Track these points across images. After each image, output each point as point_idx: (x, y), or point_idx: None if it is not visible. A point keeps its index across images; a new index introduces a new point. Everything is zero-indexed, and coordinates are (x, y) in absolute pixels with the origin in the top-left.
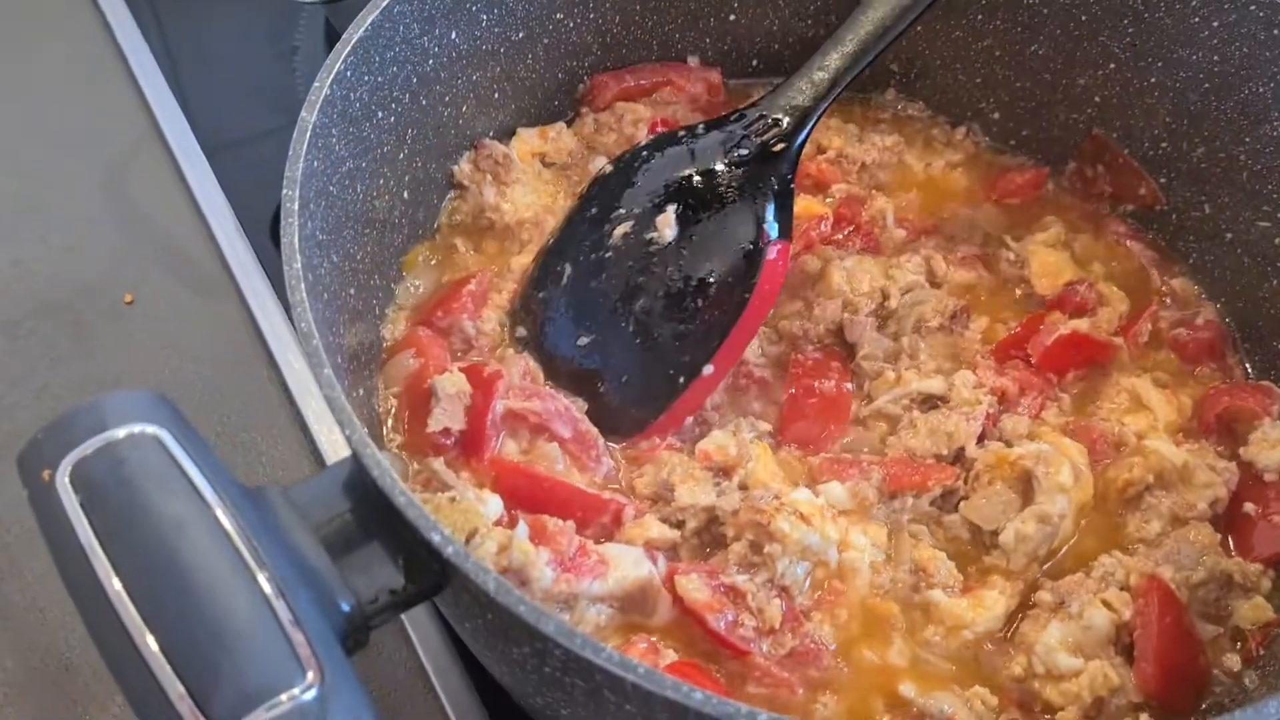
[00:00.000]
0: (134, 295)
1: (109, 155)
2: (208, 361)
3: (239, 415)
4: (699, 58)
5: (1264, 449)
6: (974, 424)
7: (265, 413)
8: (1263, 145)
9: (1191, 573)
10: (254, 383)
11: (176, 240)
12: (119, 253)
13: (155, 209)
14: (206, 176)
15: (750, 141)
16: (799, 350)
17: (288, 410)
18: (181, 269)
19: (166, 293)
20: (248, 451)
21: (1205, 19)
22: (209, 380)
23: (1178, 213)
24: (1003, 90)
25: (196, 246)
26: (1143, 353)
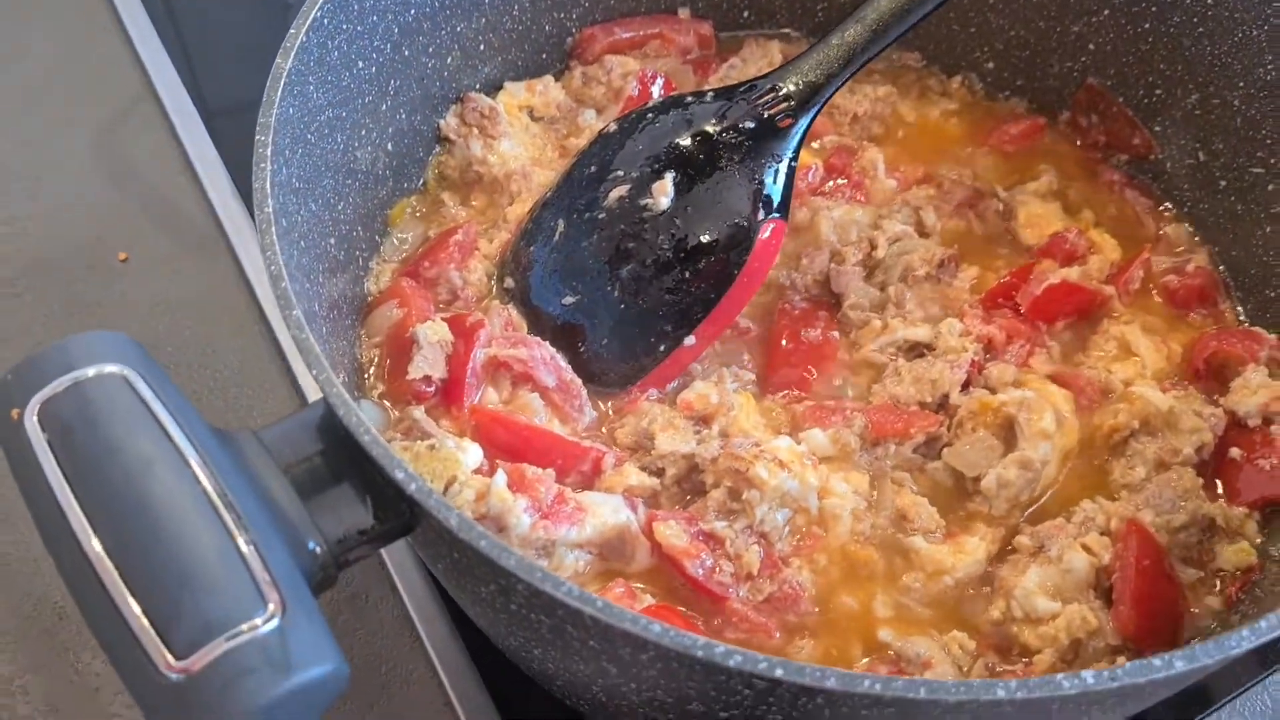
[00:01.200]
0: (128, 253)
1: (104, 115)
2: (201, 317)
3: (231, 369)
4: (689, 9)
5: (1245, 395)
6: (958, 371)
7: (257, 366)
8: (1256, 90)
9: (1172, 516)
10: (245, 337)
11: (170, 199)
12: (114, 212)
13: (150, 168)
14: (201, 136)
15: (757, 114)
16: (786, 300)
17: (278, 364)
18: (175, 227)
19: (160, 250)
20: (238, 402)
21: None
22: (201, 335)
23: (1172, 160)
24: (997, 39)
25: (190, 205)
26: (1134, 300)
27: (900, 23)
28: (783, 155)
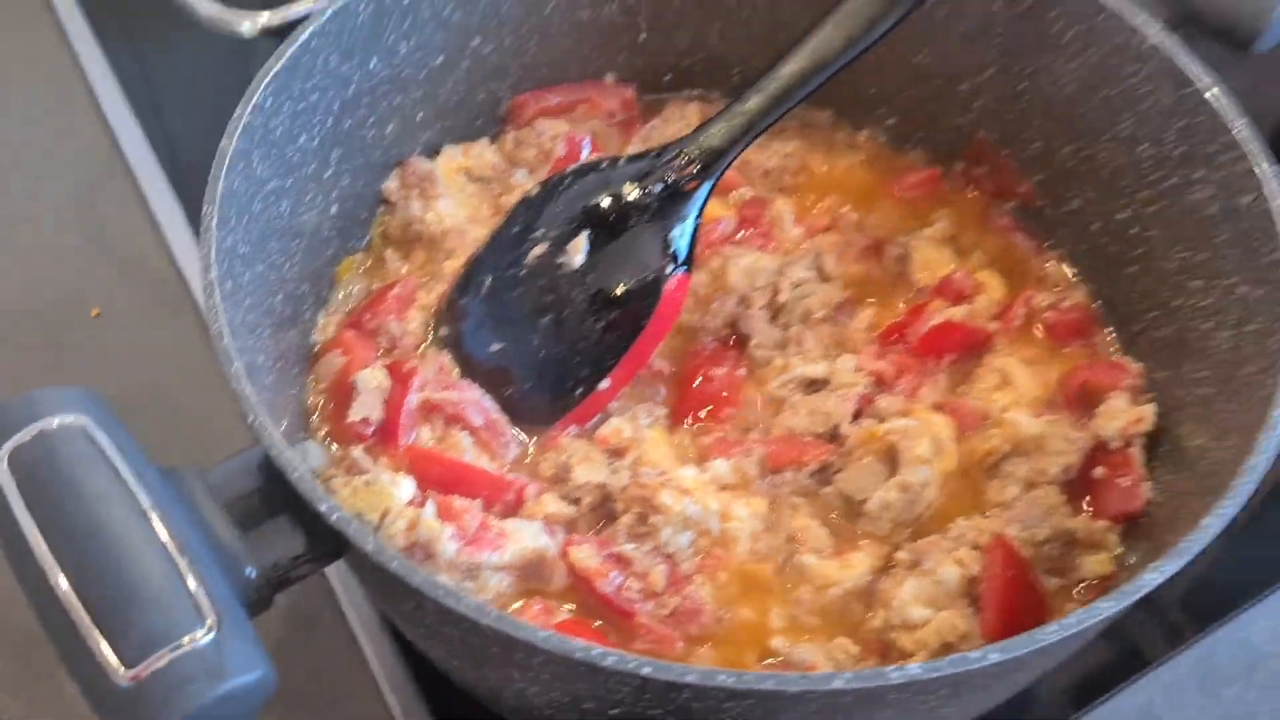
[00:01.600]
0: (101, 309)
1: (78, 179)
2: (167, 366)
3: (193, 412)
4: (614, 75)
5: (1108, 420)
6: (848, 404)
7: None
8: (1117, 144)
9: (1036, 531)
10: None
11: (141, 258)
12: (87, 270)
13: (121, 229)
14: (169, 198)
15: (666, 177)
16: (697, 341)
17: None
18: (144, 282)
19: (131, 305)
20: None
21: (1063, 29)
22: (167, 382)
23: (1052, 207)
24: (897, 98)
25: (158, 261)
26: (1016, 334)
27: (795, 94)
28: (688, 215)
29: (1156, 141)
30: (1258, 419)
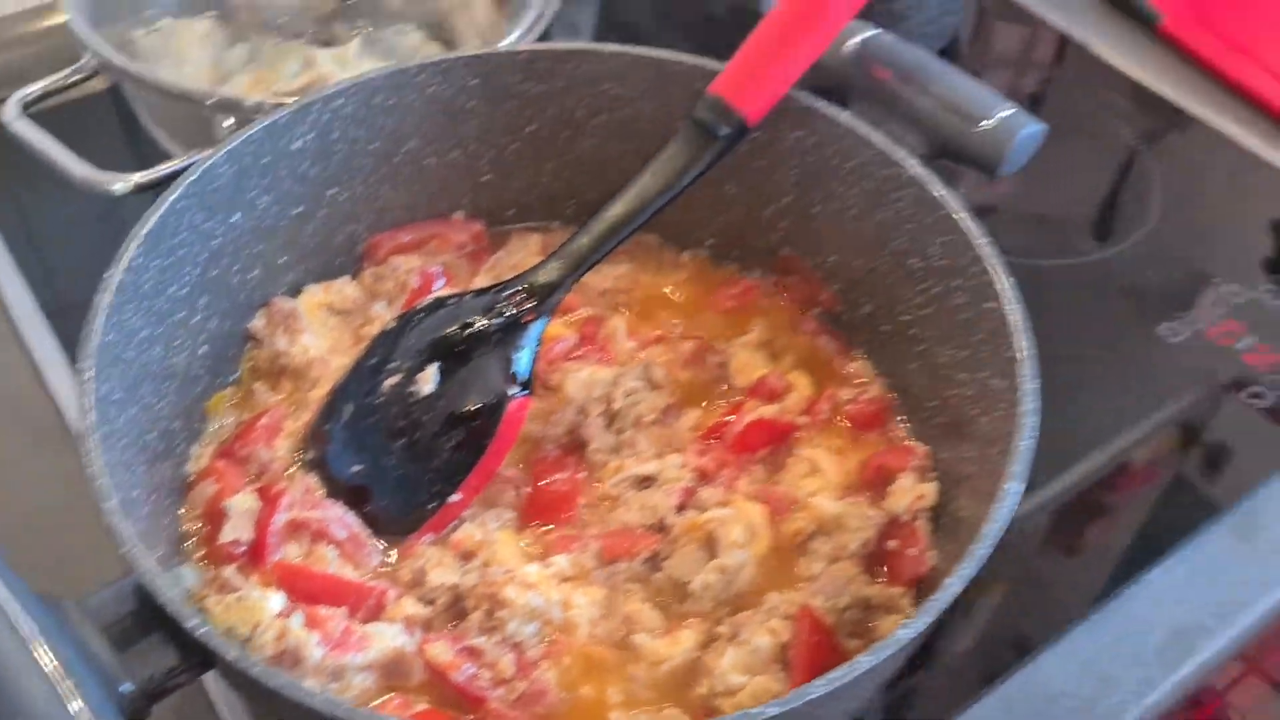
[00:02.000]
0: None
1: None
2: (49, 502)
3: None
4: (462, 213)
5: (898, 497)
6: (672, 498)
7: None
8: (894, 258)
9: (837, 600)
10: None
11: (18, 395)
12: None
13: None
14: (47, 338)
15: (506, 311)
16: (541, 449)
17: None
18: (23, 421)
19: (10, 442)
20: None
21: (841, 163)
22: (50, 518)
23: (850, 312)
24: (713, 222)
25: (37, 400)
26: (823, 426)
27: (619, 233)
28: (527, 344)
29: (923, 255)
30: (996, 491)
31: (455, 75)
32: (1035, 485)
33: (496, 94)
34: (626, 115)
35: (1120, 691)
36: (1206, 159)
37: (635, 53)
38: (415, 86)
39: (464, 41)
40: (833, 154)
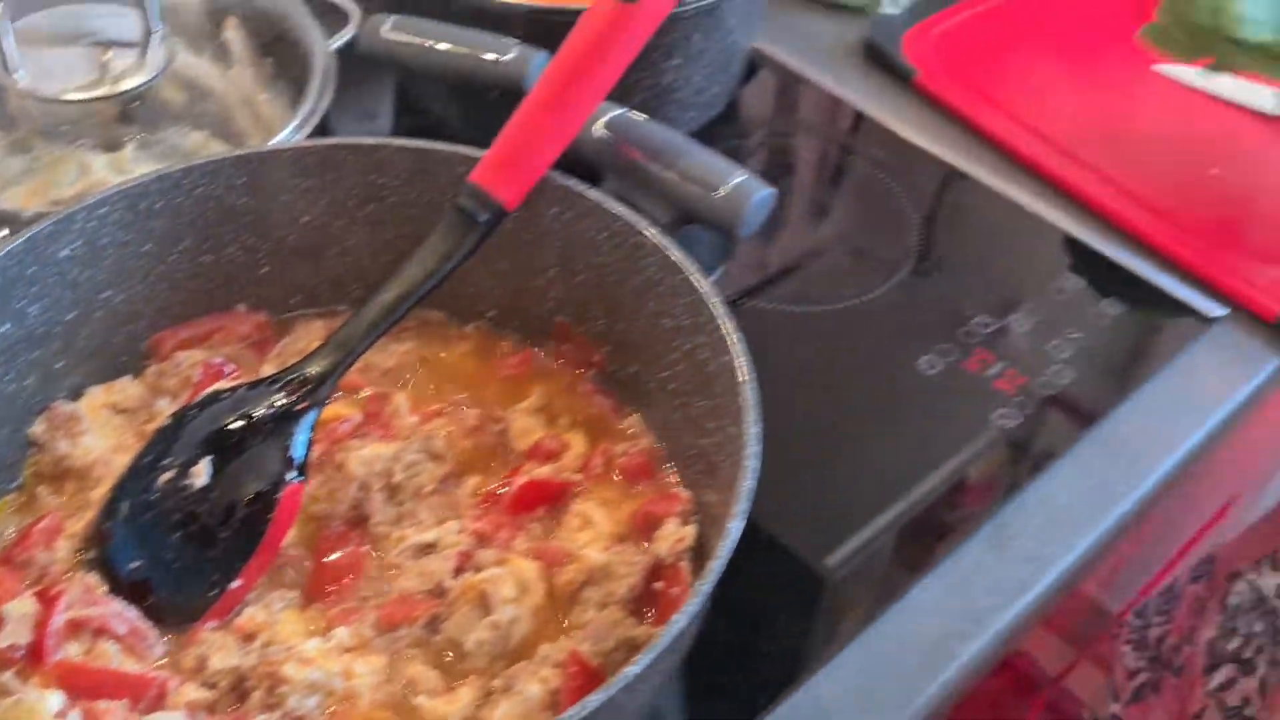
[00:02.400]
0: None
1: None
2: None
3: None
4: (245, 305)
5: (662, 541)
6: (449, 562)
7: None
8: (649, 320)
9: (605, 644)
10: None
11: None
12: None
13: None
14: None
15: (280, 402)
16: (326, 527)
17: None
18: None
19: None
20: None
21: (596, 234)
22: None
23: (620, 372)
24: (492, 295)
25: None
26: (597, 481)
27: (389, 319)
28: (301, 432)
29: (673, 316)
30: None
31: (223, 175)
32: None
33: (267, 190)
34: (395, 202)
35: (886, 707)
36: (960, 202)
37: (396, 144)
38: (183, 189)
39: (248, 136)
40: (587, 227)
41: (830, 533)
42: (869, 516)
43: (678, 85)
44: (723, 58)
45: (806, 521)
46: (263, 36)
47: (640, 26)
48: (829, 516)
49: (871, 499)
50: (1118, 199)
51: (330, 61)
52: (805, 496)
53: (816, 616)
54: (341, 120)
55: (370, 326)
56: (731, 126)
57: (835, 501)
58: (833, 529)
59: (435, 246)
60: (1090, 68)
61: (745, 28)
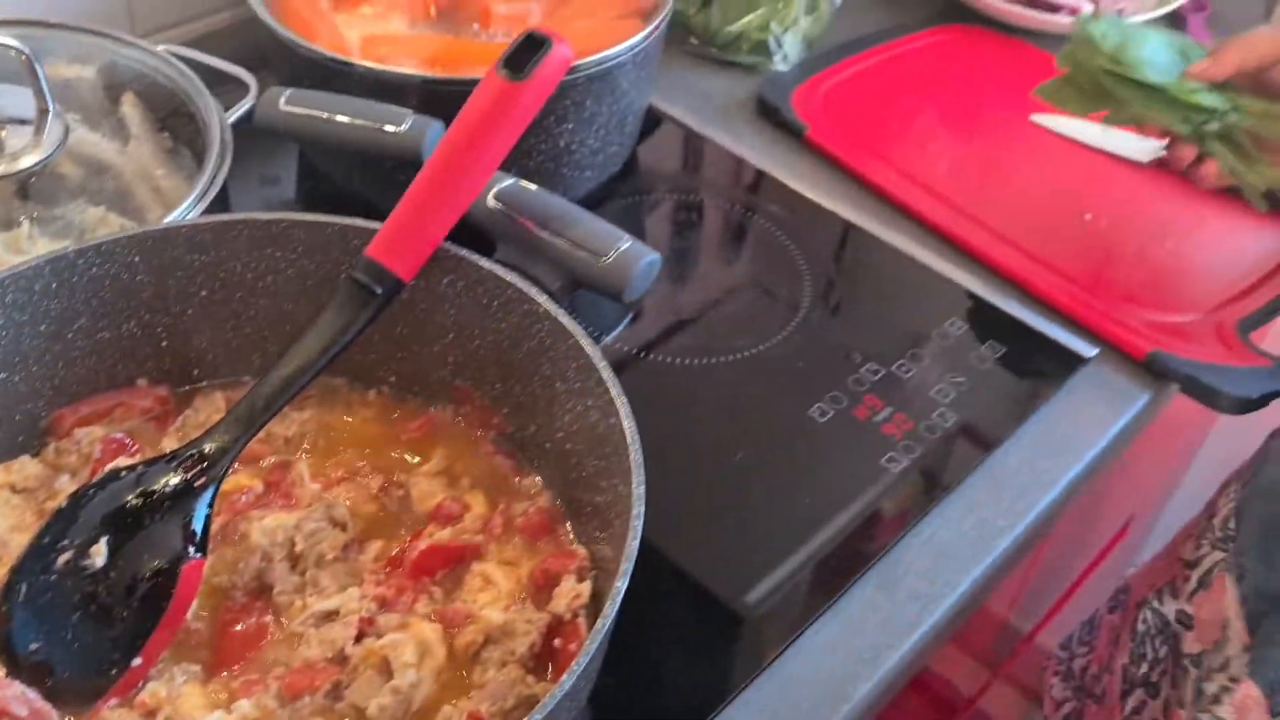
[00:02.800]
0: None
1: None
2: None
3: None
4: (145, 379)
5: (560, 599)
6: (350, 629)
7: None
8: (543, 382)
9: (504, 703)
10: None
11: None
12: None
13: None
14: None
15: (177, 480)
16: (229, 598)
17: None
18: None
19: None
20: None
21: (490, 301)
22: None
23: (518, 432)
24: (391, 361)
25: None
26: (497, 540)
27: (287, 393)
28: (200, 508)
29: (565, 379)
30: (610, 589)
31: (117, 255)
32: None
33: (162, 268)
34: (292, 274)
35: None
36: (851, 252)
37: (291, 218)
38: (78, 270)
39: (147, 210)
40: (481, 294)
41: (739, 573)
42: (770, 559)
43: (573, 148)
44: (617, 119)
45: (716, 562)
46: (160, 110)
47: (529, 101)
48: (736, 557)
49: (772, 542)
50: (997, 246)
51: (227, 134)
52: (716, 538)
53: (726, 654)
54: (244, 187)
55: (269, 401)
56: (630, 183)
57: (742, 543)
58: (741, 569)
59: (333, 319)
60: (970, 120)
61: (639, 89)
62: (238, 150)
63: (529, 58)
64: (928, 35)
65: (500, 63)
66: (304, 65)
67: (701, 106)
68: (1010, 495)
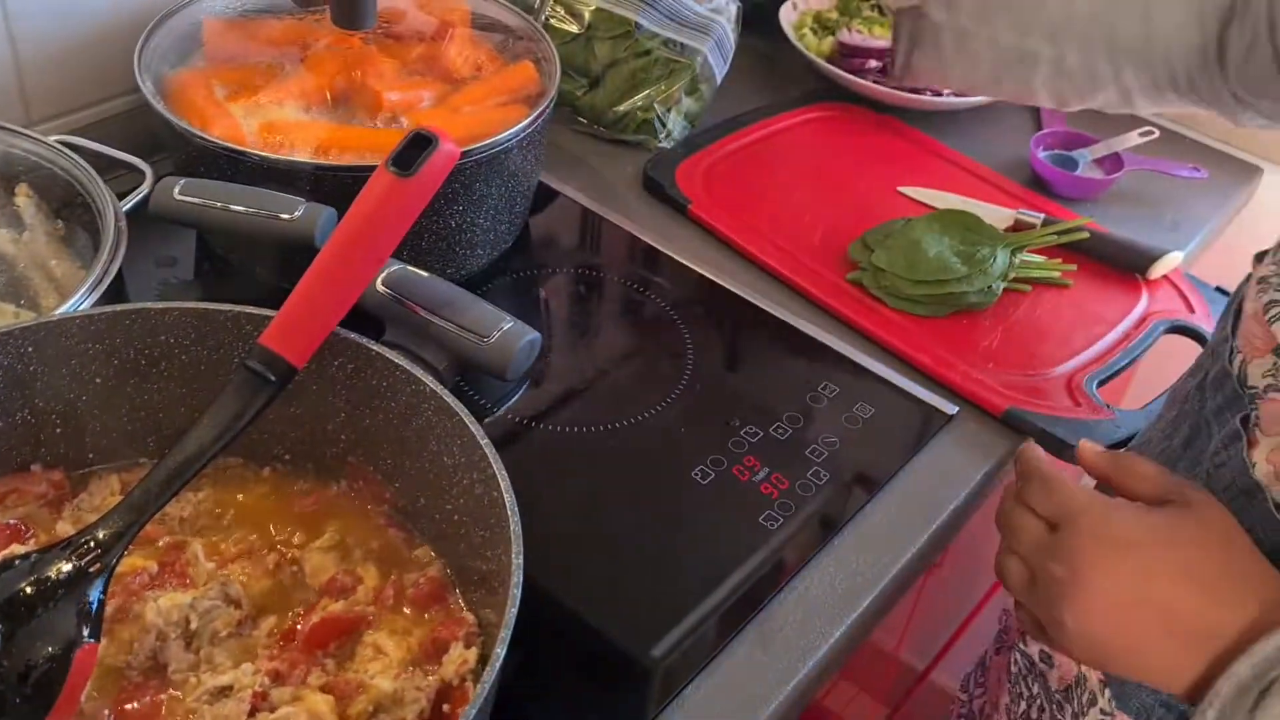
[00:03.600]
0: None
1: None
2: None
3: None
4: (40, 464)
5: (448, 665)
6: (244, 704)
7: None
8: (431, 457)
9: None
10: None
11: None
12: None
13: None
14: None
15: (73, 565)
16: (124, 678)
17: None
18: None
19: None
20: None
21: (379, 383)
22: None
23: (410, 505)
24: (286, 439)
25: None
26: (389, 611)
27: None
28: (93, 594)
29: (451, 455)
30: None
31: (10, 347)
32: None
33: (56, 357)
34: (186, 361)
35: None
36: (732, 320)
37: (182, 306)
38: None
39: (42, 298)
40: (370, 375)
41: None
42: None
43: (464, 228)
44: (506, 200)
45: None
46: (55, 200)
47: (416, 197)
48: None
49: (658, 600)
50: (866, 313)
51: (122, 222)
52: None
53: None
54: (141, 268)
55: (162, 488)
56: (521, 258)
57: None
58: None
59: (227, 406)
60: (842, 192)
61: (527, 170)
62: (135, 232)
63: (417, 155)
64: (803, 113)
65: (389, 160)
66: (199, 153)
67: (591, 183)
68: (877, 548)
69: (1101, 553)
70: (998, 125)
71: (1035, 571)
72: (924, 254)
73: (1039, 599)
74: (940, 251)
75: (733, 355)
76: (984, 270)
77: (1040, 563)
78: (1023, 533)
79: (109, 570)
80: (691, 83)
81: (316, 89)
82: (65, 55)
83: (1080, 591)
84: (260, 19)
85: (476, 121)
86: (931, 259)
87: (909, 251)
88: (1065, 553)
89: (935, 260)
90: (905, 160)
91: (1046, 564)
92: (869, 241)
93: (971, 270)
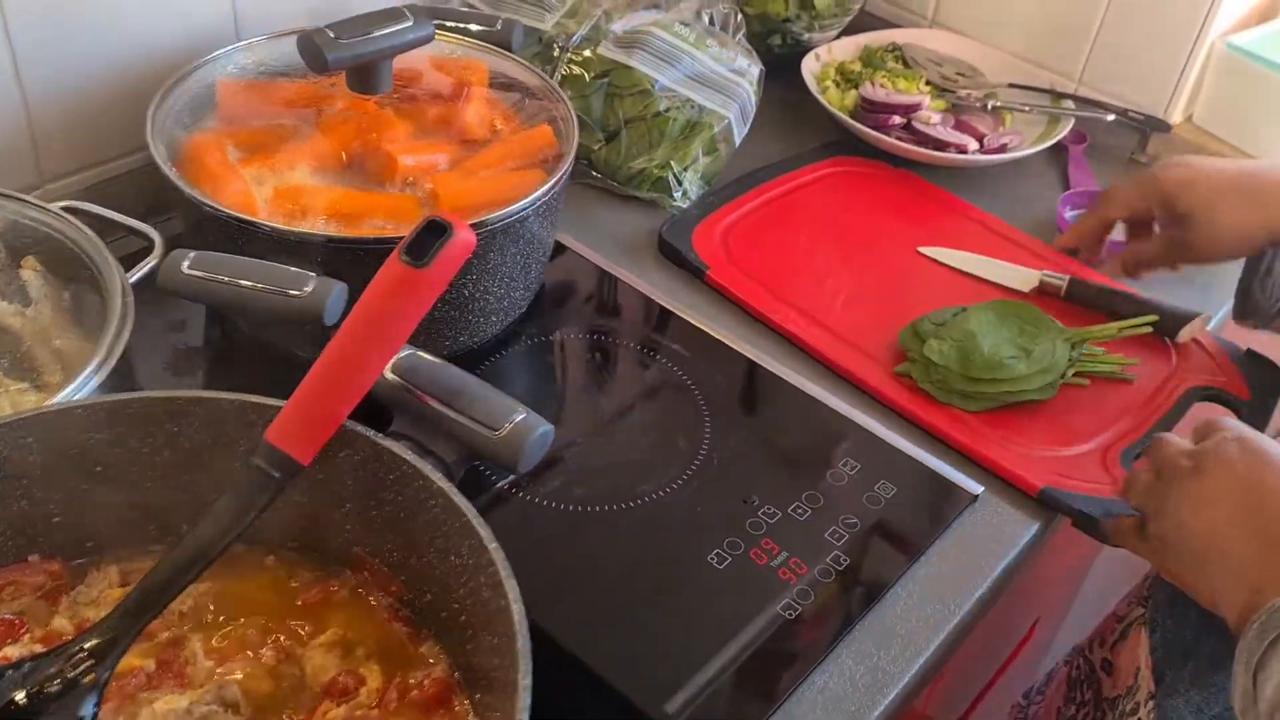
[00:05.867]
0: None
1: None
2: None
3: None
4: (38, 554)
5: None
6: None
7: None
8: (438, 554)
9: None
10: None
11: None
12: None
13: None
14: None
15: (66, 674)
16: None
17: None
18: None
19: None
20: None
21: (385, 475)
22: None
23: (416, 600)
24: (291, 528)
25: None
26: (393, 715)
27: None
28: (87, 706)
29: (459, 554)
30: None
31: (9, 437)
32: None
33: (57, 447)
34: (189, 449)
35: None
36: (750, 391)
37: (186, 395)
38: None
39: (46, 373)
40: (377, 468)
41: None
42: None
43: (477, 296)
44: (522, 266)
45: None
46: (62, 273)
47: (430, 287)
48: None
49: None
50: (890, 383)
51: (129, 297)
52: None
53: None
54: (149, 335)
55: (161, 590)
56: (535, 323)
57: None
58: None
59: (231, 504)
60: (863, 253)
61: (543, 235)
62: (143, 298)
63: (431, 243)
64: (820, 168)
65: (402, 250)
66: (210, 220)
67: (605, 241)
68: (900, 641)
69: (1231, 457)
70: (1024, 183)
71: (1163, 471)
72: (979, 348)
73: (1154, 491)
74: (996, 345)
75: (751, 427)
76: (1045, 368)
77: (1174, 460)
78: (1168, 447)
79: (102, 684)
80: (710, 142)
81: (331, 152)
82: (79, 113)
83: (1198, 480)
84: (275, 81)
85: (493, 186)
86: (987, 354)
87: (963, 344)
88: (1201, 454)
89: (991, 355)
90: (929, 219)
91: (1179, 460)
92: (920, 331)
93: (1030, 369)
